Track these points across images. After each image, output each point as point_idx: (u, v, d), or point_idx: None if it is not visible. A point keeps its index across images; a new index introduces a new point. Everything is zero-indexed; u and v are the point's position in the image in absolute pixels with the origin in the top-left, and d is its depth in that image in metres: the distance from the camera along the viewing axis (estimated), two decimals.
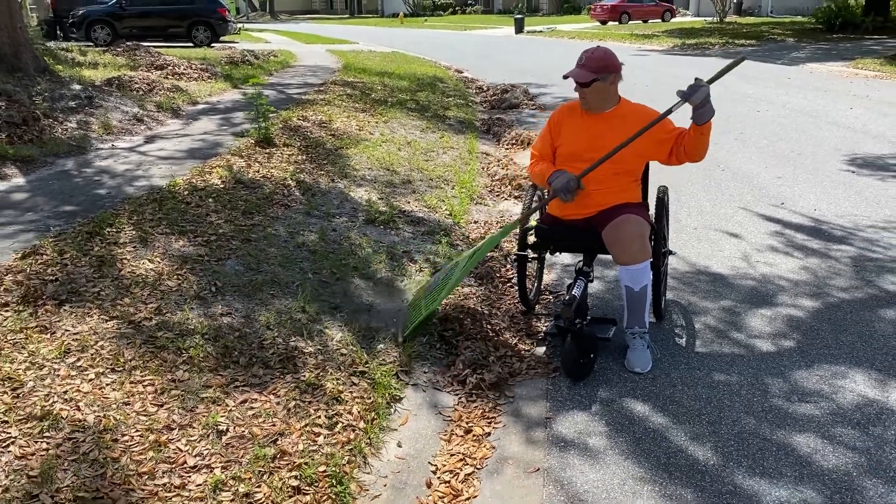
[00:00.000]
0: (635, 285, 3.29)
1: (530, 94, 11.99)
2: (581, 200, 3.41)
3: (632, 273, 3.28)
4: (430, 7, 60.86)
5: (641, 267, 3.28)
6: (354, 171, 6.22)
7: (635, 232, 3.28)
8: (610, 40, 26.40)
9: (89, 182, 5.40)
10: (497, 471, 2.72)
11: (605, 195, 3.43)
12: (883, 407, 2.98)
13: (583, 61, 3.35)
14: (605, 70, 3.33)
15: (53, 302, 3.29)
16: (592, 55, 3.35)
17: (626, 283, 3.31)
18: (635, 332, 3.36)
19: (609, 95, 3.41)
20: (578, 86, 3.37)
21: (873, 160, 7.19)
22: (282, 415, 2.78)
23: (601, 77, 3.32)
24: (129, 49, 13.77)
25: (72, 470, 2.33)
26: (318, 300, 3.73)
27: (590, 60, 3.33)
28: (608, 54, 3.38)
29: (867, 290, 4.15)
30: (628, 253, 3.27)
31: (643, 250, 3.28)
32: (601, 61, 3.33)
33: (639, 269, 3.27)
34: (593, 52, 3.38)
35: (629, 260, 3.27)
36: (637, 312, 3.33)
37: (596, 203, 3.44)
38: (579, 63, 3.36)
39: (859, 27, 23.32)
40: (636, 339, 3.36)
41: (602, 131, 3.40)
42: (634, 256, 3.26)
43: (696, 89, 3.20)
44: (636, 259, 3.26)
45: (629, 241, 3.26)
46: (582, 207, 3.46)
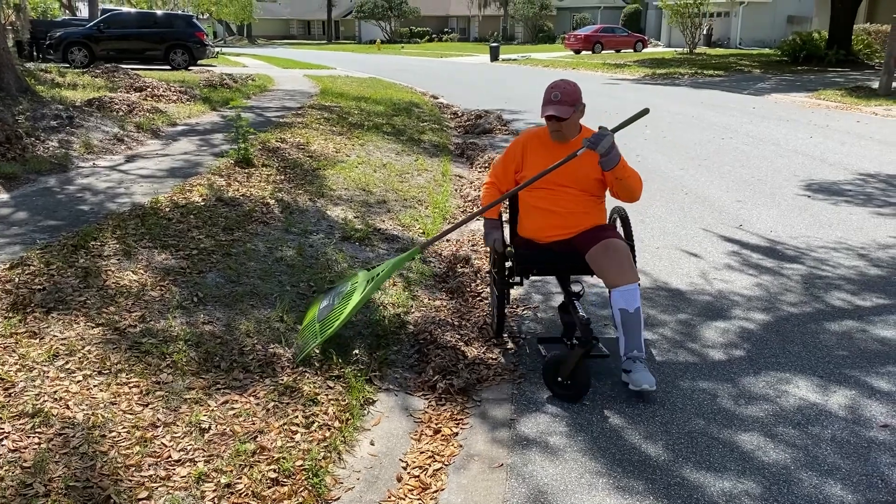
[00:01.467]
0: (630, 306, 3.29)
1: (504, 120, 12.30)
2: (559, 222, 3.53)
3: (625, 294, 3.29)
4: (407, 34, 61.62)
5: (634, 287, 3.30)
6: (331, 191, 6.42)
7: (624, 253, 3.35)
8: (583, 69, 27.01)
9: (72, 198, 5.54)
10: (463, 466, 2.90)
11: (581, 217, 3.53)
12: (822, 409, 3.22)
13: (559, 97, 3.41)
14: (578, 101, 3.45)
15: (41, 309, 3.44)
16: (566, 90, 3.43)
17: (621, 305, 3.30)
18: (634, 357, 3.31)
19: (577, 124, 3.54)
20: (556, 121, 3.44)
21: (829, 186, 7.55)
22: (261, 414, 2.94)
23: (576, 108, 3.44)
24: (108, 71, 13.91)
25: (63, 462, 2.48)
26: (295, 311, 3.90)
27: (566, 95, 3.41)
28: (576, 86, 3.49)
29: (815, 305, 4.41)
30: (621, 274, 3.30)
31: (633, 271, 3.33)
32: (574, 94, 3.43)
33: (632, 289, 3.30)
34: (564, 87, 3.44)
35: (622, 281, 3.29)
36: (634, 335, 3.31)
37: (574, 225, 3.54)
38: (555, 99, 3.42)
39: (823, 60, 24.12)
40: (636, 363, 3.30)
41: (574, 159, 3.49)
42: (627, 277, 3.29)
43: (600, 138, 3.28)
44: (629, 279, 3.29)
45: (620, 262, 3.31)
46: (561, 229, 3.55)
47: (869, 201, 6.88)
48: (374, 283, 3.62)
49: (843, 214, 6.41)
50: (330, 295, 3.80)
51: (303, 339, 3.57)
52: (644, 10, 47.72)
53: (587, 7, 53.45)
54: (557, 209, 3.54)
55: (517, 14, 55.48)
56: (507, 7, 56.81)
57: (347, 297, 3.60)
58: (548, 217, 3.57)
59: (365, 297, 3.56)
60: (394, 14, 60.25)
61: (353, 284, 3.72)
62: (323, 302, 3.76)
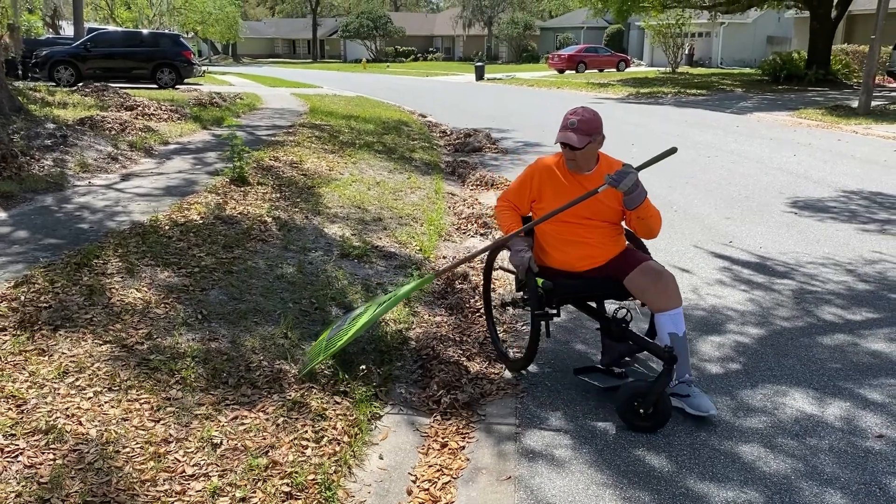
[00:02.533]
0: (679, 330, 3.24)
1: (493, 139, 12.43)
2: (593, 252, 3.47)
3: (674, 318, 3.24)
4: (393, 53, 62.02)
5: (680, 311, 3.26)
6: (327, 208, 6.47)
7: (668, 276, 3.28)
8: (567, 88, 27.31)
9: (71, 217, 5.56)
10: (472, 479, 2.95)
11: (610, 245, 3.49)
12: (819, 421, 3.30)
13: (575, 125, 3.30)
14: (596, 131, 3.33)
15: (49, 327, 3.46)
16: (584, 118, 3.32)
17: (671, 329, 3.23)
18: (686, 381, 3.31)
19: (595, 155, 3.44)
20: (569, 149, 3.34)
21: (814, 202, 7.70)
22: (271, 429, 2.98)
23: (593, 139, 3.33)
24: (97, 90, 13.92)
25: (79, 477, 2.51)
26: (299, 327, 3.94)
27: (583, 124, 3.30)
28: (596, 116, 3.37)
29: (807, 319, 4.51)
30: (667, 298, 3.24)
31: (678, 294, 3.28)
32: (592, 123, 3.32)
33: (678, 313, 3.25)
34: (583, 114, 3.34)
35: (669, 305, 3.23)
36: (685, 359, 3.28)
37: (605, 253, 3.49)
38: (571, 126, 3.31)
39: (803, 79, 24.56)
40: (690, 387, 3.30)
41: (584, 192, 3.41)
42: (674, 301, 3.24)
43: (623, 175, 3.22)
44: (677, 301, 3.25)
45: (666, 286, 3.25)
46: (596, 258, 3.49)
47: (854, 218, 7.03)
48: (386, 305, 3.65)
49: (830, 231, 6.55)
50: (342, 319, 3.83)
51: (310, 356, 3.61)
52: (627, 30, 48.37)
53: (570, 27, 54.09)
54: (588, 240, 3.47)
55: (501, 34, 56.04)
56: (491, 27, 57.39)
57: (357, 318, 3.62)
58: (581, 248, 3.49)
59: (374, 317, 3.59)
60: (379, 33, 60.65)
61: (367, 307, 3.75)
62: (335, 325, 3.79)
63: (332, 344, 3.54)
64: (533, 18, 58.15)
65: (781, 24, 38.12)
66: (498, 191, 8.45)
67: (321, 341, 3.65)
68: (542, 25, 58.49)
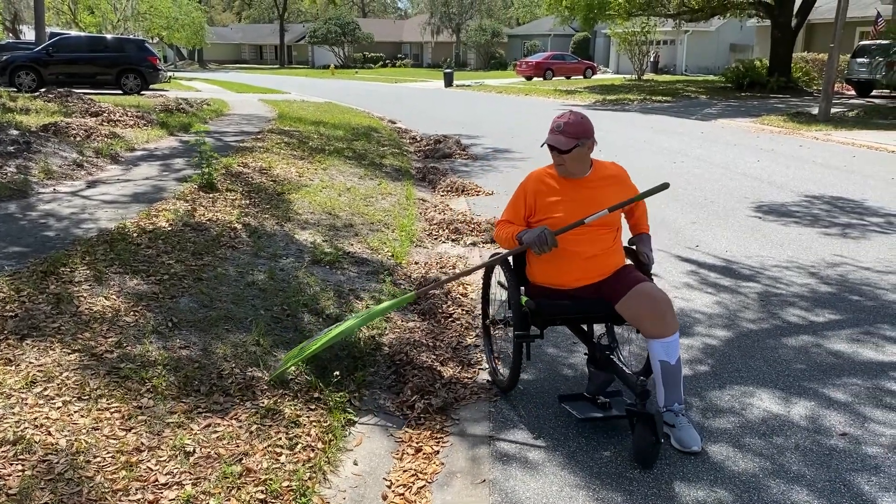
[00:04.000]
0: (671, 358, 3.08)
1: (462, 145, 12.48)
2: (587, 266, 3.29)
3: (667, 346, 3.07)
4: (361, 60, 61.93)
5: (677, 337, 3.10)
6: (297, 214, 6.45)
7: (664, 300, 3.10)
8: (535, 95, 27.52)
9: (35, 224, 5.46)
10: (447, 483, 2.96)
11: (606, 259, 3.32)
12: (785, 420, 3.37)
13: (561, 128, 3.24)
14: (584, 135, 3.24)
15: (15, 336, 3.40)
16: (570, 121, 3.25)
17: (662, 357, 3.08)
18: (676, 411, 3.14)
19: (586, 160, 3.32)
20: (557, 153, 3.27)
21: (777, 207, 7.87)
22: (245, 437, 2.96)
23: (580, 143, 3.23)
24: (61, 95, 13.68)
25: (49, 488, 2.47)
26: (271, 334, 3.92)
27: (569, 126, 3.23)
28: (585, 119, 3.30)
29: (772, 321, 4.61)
30: (663, 325, 3.07)
31: (674, 319, 3.10)
32: (579, 126, 3.24)
33: (673, 340, 3.09)
34: (570, 117, 3.28)
35: (663, 332, 3.07)
36: (675, 388, 3.13)
37: (601, 267, 3.31)
38: (557, 130, 3.25)
39: (765, 86, 25.07)
40: (679, 417, 3.13)
41: (592, 196, 3.30)
42: (670, 327, 3.07)
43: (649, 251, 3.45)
44: (671, 330, 3.08)
45: (662, 312, 3.07)
46: (587, 273, 3.31)
47: (816, 222, 7.19)
48: (363, 318, 3.64)
49: (793, 235, 6.70)
50: (320, 332, 3.80)
51: (283, 361, 3.60)
52: (593, 38, 48.92)
53: (538, 34, 54.55)
54: (581, 250, 3.28)
55: (469, 41, 56.28)
56: (459, 34, 57.60)
57: (334, 328, 3.61)
58: (573, 261, 3.29)
59: (351, 328, 3.58)
60: (347, 39, 60.53)
61: (346, 320, 3.73)
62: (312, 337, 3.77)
63: (305, 350, 3.54)
64: (501, 26, 58.54)
65: (744, 33, 38.86)
66: (469, 196, 8.49)
67: (296, 349, 3.64)
68: (510, 33, 58.90)
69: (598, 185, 3.35)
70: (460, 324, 4.54)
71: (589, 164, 3.37)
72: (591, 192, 3.32)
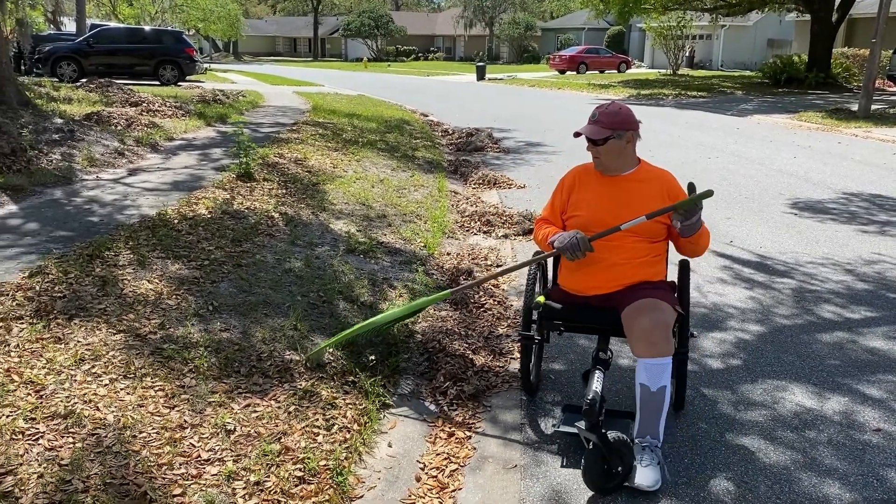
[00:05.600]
0: (652, 384, 2.81)
1: (494, 138, 12.51)
2: (604, 275, 3.07)
3: (650, 368, 2.81)
4: (394, 53, 62.08)
5: (663, 362, 2.81)
6: (332, 205, 6.54)
7: (658, 319, 2.84)
8: (568, 89, 27.39)
9: (80, 210, 5.63)
10: (479, 468, 3.02)
11: (627, 268, 3.06)
12: (818, 415, 3.37)
13: (596, 117, 3.05)
14: (621, 127, 3.03)
15: (64, 316, 3.53)
16: (607, 110, 3.05)
17: (642, 380, 2.82)
18: (646, 444, 2.85)
19: (625, 155, 3.09)
20: (591, 144, 3.08)
21: (814, 204, 7.78)
22: (283, 417, 3.05)
23: (616, 134, 3.02)
24: (102, 85, 13.99)
25: (98, 461, 2.57)
26: (307, 319, 4.01)
27: (604, 116, 3.04)
28: (624, 110, 3.08)
29: (806, 317, 4.58)
30: (647, 343, 2.82)
31: (665, 342, 2.81)
32: (616, 116, 3.04)
33: (659, 364, 2.81)
34: (607, 107, 3.07)
35: (649, 352, 2.81)
36: (651, 419, 2.84)
37: (618, 277, 3.07)
38: (592, 119, 3.06)
39: (803, 82, 24.66)
40: (646, 451, 2.83)
41: (622, 197, 3.09)
42: (655, 348, 2.80)
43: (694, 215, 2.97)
44: (656, 352, 2.80)
45: (650, 329, 2.82)
46: (601, 282, 3.08)
47: (853, 219, 7.11)
48: (402, 313, 3.66)
49: (830, 232, 6.63)
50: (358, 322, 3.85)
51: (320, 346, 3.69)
52: (628, 32, 48.47)
53: (572, 28, 54.19)
54: (602, 258, 3.06)
55: (502, 34, 56.11)
56: (492, 27, 57.45)
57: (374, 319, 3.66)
58: (591, 267, 3.09)
59: (388, 318, 3.64)
60: (380, 32, 60.72)
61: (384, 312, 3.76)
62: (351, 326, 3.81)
63: (341, 335, 3.62)
64: (534, 19, 58.24)
65: (782, 27, 38.23)
66: (500, 189, 8.52)
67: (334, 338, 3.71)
68: (544, 26, 58.58)
69: (635, 186, 3.10)
70: (492, 314, 4.58)
71: (631, 162, 3.13)
72: (623, 194, 3.09)
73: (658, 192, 3.09)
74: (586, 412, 2.65)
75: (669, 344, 2.84)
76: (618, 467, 2.73)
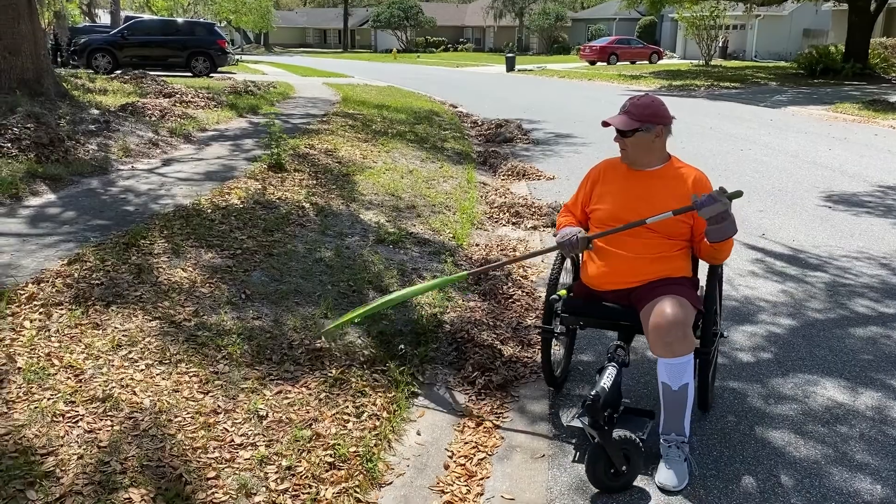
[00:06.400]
0: (673, 383, 2.77)
1: (524, 129, 12.47)
2: (623, 268, 3.00)
3: (670, 368, 2.77)
4: (423, 44, 62.03)
5: (683, 361, 2.76)
6: (362, 195, 6.59)
7: (676, 317, 2.75)
8: (598, 80, 27.18)
9: (116, 199, 5.75)
10: (506, 457, 3.04)
11: (649, 265, 2.98)
12: (850, 409, 3.34)
13: (626, 108, 2.98)
14: (650, 119, 2.95)
15: (101, 303, 3.62)
16: (639, 102, 2.98)
17: (663, 378, 2.80)
18: (671, 441, 2.84)
19: (653, 150, 3.01)
20: (619, 135, 3.01)
21: (849, 197, 7.65)
22: (314, 404, 3.10)
23: (644, 127, 2.94)
24: (136, 77, 14.20)
25: (135, 443, 2.64)
26: (338, 308, 4.06)
27: (634, 107, 2.96)
28: (656, 103, 3.00)
29: (839, 311, 4.53)
30: (665, 343, 2.76)
31: (684, 341, 2.75)
32: (647, 109, 2.96)
33: (679, 363, 2.75)
34: (640, 98, 3.01)
35: (666, 352, 2.76)
36: (675, 416, 2.82)
37: (638, 273, 2.98)
38: (622, 110, 3.00)
39: (839, 73, 24.18)
40: (671, 448, 2.82)
41: (644, 193, 3.01)
42: (672, 348, 2.75)
43: (712, 201, 2.76)
44: (675, 351, 2.75)
45: (667, 328, 2.75)
46: (621, 276, 3.02)
47: (889, 212, 6.98)
48: (417, 290, 3.69)
49: (864, 225, 6.52)
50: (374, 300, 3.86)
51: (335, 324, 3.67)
52: (660, 22, 47.90)
53: (602, 18, 53.69)
54: (623, 252, 3.00)
55: (532, 25, 55.78)
56: (522, 18, 57.12)
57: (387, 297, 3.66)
58: (610, 261, 3.03)
59: (398, 297, 3.60)
60: (410, 24, 60.71)
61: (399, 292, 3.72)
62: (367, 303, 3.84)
63: (355, 312, 3.60)
64: (564, 9, 57.75)
65: (819, 17, 37.46)
66: (529, 181, 8.51)
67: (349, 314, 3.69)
68: (574, 16, 58.11)
69: (660, 183, 3.01)
70: (520, 305, 4.59)
71: (660, 158, 3.04)
72: (646, 190, 3.00)
73: (684, 193, 2.96)
74: (588, 408, 2.60)
75: (686, 342, 2.77)
76: (622, 467, 2.70)
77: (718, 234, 2.81)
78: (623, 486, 2.74)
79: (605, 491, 2.74)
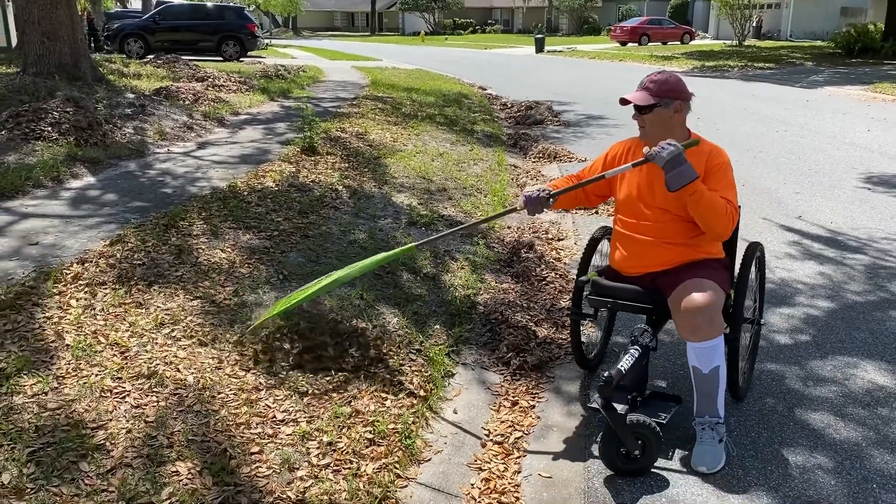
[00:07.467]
0: (704, 366, 2.77)
1: (554, 111, 12.38)
2: (643, 254, 2.99)
3: (699, 352, 2.77)
4: (451, 26, 61.69)
5: (712, 344, 2.75)
6: (393, 178, 6.62)
7: (702, 301, 2.72)
8: (629, 61, 26.84)
9: (154, 182, 5.84)
10: (543, 436, 3.07)
11: (672, 249, 2.95)
12: (891, 392, 3.30)
13: (644, 84, 2.94)
14: (668, 95, 2.89)
15: (144, 282, 3.69)
16: (656, 79, 2.93)
17: (694, 362, 2.80)
18: (705, 423, 2.82)
19: (672, 127, 2.93)
20: (636, 112, 2.96)
21: (889, 178, 7.51)
22: (353, 381, 3.14)
23: (662, 103, 2.88)
24: (168, 61, 14.34)
25: (180, 419, 2.71)
26: (373, 289, 4.10)
27: (652, 83, 2.91)
28: (674, 78, 2.95)
29: (880, 294, 4.46)
30: (692, 327, 2.75)
31: (712, 324, 2.74)
32: (665, 84, 2.90)
33: (708, 346, 2.75)
34: (657, 76, 2.95)
35: (693, 336, 2.76)
36: (708, 398, 2.81)
37: (662, 257, 2.96)
38: (640, 86, 2.95)
39: (879, 52, 23.62)
40: (706, 430, 2.82)
41: (657, 172, 2.90)
42: (701, 332, 2.73)
43: (663, 149, 2.75)
44: (703, 335, 2.74)
45: (694, 312, 2.73)
46: (645, 261, 3.00)
47: None
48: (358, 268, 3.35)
49: None
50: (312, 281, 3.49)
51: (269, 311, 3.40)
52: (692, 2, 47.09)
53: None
54: (646, 237, 2.98)
55: (562, 5, 55.16)
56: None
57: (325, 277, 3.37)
58: (633, 247, 3.02)
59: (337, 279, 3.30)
60: (437, 5, 60.38)
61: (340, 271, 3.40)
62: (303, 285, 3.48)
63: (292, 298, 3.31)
64: None
65: None
66: (560, 163, 8.47)
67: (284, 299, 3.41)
68: None
69: None
70: (554, 287, 4.60)
71: (679, 136, 2.92)
72: (658, 170, 2.86)
73: (701, 168, 2.84)
74: (600, 388, 2.60)
75: (714, 327, 2.74)
76: (634, 451, 2.69)
77: (677, 179, 2.74)
78: (639, 471, 2.73)
79: (620, 475, 2.74)
